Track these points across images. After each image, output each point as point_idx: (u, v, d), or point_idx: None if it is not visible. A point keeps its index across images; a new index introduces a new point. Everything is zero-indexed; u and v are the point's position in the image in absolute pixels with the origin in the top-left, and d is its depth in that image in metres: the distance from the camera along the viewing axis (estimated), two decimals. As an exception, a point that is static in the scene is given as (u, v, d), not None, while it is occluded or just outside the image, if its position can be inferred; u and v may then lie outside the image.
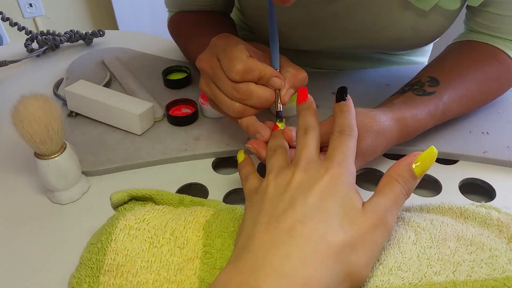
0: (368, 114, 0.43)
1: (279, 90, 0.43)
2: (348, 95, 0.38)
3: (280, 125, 0.44)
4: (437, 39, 0.66)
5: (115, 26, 2.16)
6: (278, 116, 0.44)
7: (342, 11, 0.56)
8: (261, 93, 0.43)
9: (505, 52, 0.54)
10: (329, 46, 0.63)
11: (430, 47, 0.79)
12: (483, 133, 0.53)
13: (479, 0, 0.50)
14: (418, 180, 0.32)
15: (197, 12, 0.67)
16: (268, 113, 0.58)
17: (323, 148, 0.40)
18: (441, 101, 0.49)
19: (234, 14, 0.81)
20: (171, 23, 0.70)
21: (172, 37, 0.71)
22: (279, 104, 0.44)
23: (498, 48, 0.54)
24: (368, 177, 0.50)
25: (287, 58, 0.46)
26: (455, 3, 0.51)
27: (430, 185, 0.49)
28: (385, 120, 0.44)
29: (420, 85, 0.51)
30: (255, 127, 0.43)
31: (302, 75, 0.44)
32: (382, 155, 0.52)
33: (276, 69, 0.44)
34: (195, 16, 0.66)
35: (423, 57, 0.77)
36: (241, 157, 0.43)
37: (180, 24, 0.67)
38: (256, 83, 0.43)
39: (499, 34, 0.54)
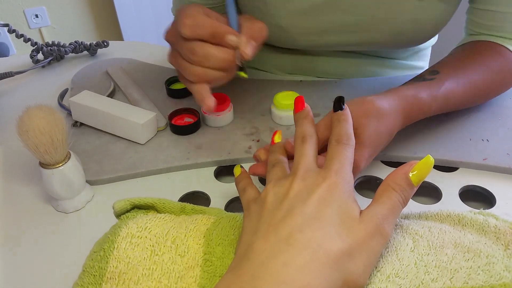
0: (365, 100, 0.43)
1: (239, 47, 0.44)
2: (345, 105, 0.39)
3: (243, 75, 0.45)
4: (435, 36, 0.66)
5: (120, 37, 2.19)
6: (242, 69, 0.45)
7: (341, 2, 0.57)
8: (217, 53, 0.43)
9: (506, 47, 0.55)
10: (329, 42, 0.64)
11: (428, 51, 0.80)
12: (483, 140, 0.54)
13: None
14: (415, 189, 0.33)
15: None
16: (270, 120, 0.59)
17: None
18: (442, 85, 0.49)
19: None
20: None
21: None
22: (240, 61, 0.44)
23: (498, 43, 0.55)
24: (368, 185, 0.50)
25: (263, 26, 0.47)
26: None
27: (430, 193, 0.49)
28: (384, 102, 0.43)
29: (421, 75, 0.52)
30: (201, 95, 0.44)
31: (258, 24, 0.45)
32: (382, 162, 0.52)
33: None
34: None
35: (422, 61, 0.78)
36: (237, 171, 0.43)
37: None
38: (212, 43, 0.43)
39: (500, 33, 0.55)
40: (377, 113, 0.42)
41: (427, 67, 0.78)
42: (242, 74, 0.45)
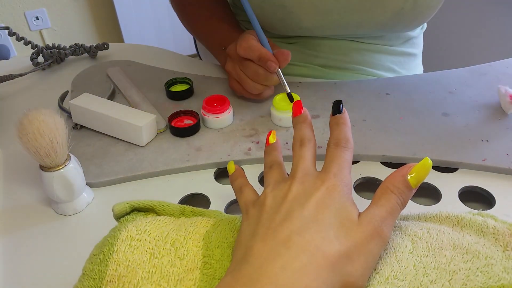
0: None
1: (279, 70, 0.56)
2: (343, 108, 0.39)
3: (296, 97, 0.57)
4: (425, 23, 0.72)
5: (120, 39, 2.19)
6: (290, 97, 0.57)
7: None
8: (263, 73, 0.57)
9: None
10: (331, 22, 0.65)
11: (421, 40, 0.82)
12: (482, 140, 0.54)
13: None
14: (414, 191, 0.33)
15: None
16: (269, 122, 0.59)
17: None
18: None
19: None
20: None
21: (176, 11, 0.79)
22: (285, 85, 0.57)
23: None
24: (367, 186, 0.50)
25: (288, 52, 0.57)
26: None
27: (430, 193, 0.49)
28: None
29: None
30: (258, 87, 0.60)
31: (286, 51, 0.57)
32: (381, 163, 0.52)
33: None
34: None
35: (416, 49, 0.80)
36: (232, 168, 0.43)
37: (186, 6, 0.76)
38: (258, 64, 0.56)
39: None
40: None
41: (420, 54, 0.83)
42: (296, 96, 0.57)
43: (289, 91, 0.56)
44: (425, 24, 0.81)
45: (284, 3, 0.63)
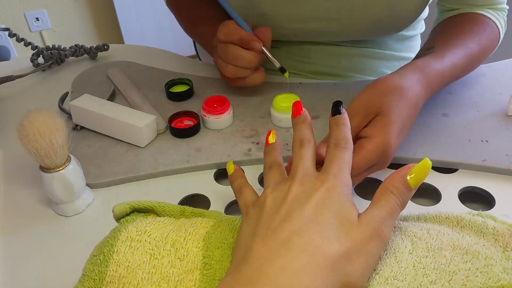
0: (381, 80, 0.46)
1: (264, 48, 0.56)
2: (343, 109, 0.39)
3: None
4: (423, 25, 0.75)
5: (120, 40, 2.19)
6: (281, 70, 0.57)
7: None
8: (244, 54, 0.55)
9: (485, 15, 0.59)
10: (312, 30, 0.66)
11: (418, 43, 0.82)
12: (482, 141, 0.54)
13: None
14: (413, 192, 0.33)
15: None
16: (269, 123, 0.59)
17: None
18: (444, 55, 0.52)
19: None
20: None
21: (174, 14, 0.80)
22: (274, 61, 0.56)
23: (478, 13, 0.60)
24: (366, 187, 0.50)
25: (267, 27, 0.57)
26: None
27: (430, 194, 0.49)
28: (401, 78, 0.46)
29: (419, 54, 0.55)
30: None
31: (264, 27, 0.57)
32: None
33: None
34: None
35: (413, 53, 0.80)
36: (231, 168, 0.43)
37: (183, 9, 0.77)
38: (242, 47, 0.55)
39: (470, 2, 0.60)
40: (396, 88, 0.45)
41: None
42: (286, 75, 0.58)
43: (278, 65, 0.56)
44: (423, 25, 0.81)
45: (264, 11, 0.64)
